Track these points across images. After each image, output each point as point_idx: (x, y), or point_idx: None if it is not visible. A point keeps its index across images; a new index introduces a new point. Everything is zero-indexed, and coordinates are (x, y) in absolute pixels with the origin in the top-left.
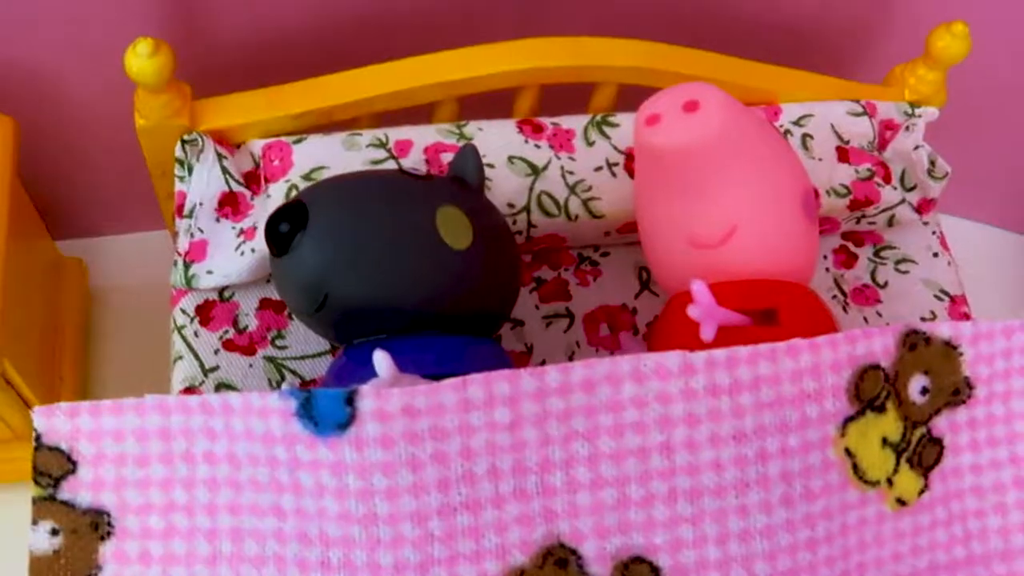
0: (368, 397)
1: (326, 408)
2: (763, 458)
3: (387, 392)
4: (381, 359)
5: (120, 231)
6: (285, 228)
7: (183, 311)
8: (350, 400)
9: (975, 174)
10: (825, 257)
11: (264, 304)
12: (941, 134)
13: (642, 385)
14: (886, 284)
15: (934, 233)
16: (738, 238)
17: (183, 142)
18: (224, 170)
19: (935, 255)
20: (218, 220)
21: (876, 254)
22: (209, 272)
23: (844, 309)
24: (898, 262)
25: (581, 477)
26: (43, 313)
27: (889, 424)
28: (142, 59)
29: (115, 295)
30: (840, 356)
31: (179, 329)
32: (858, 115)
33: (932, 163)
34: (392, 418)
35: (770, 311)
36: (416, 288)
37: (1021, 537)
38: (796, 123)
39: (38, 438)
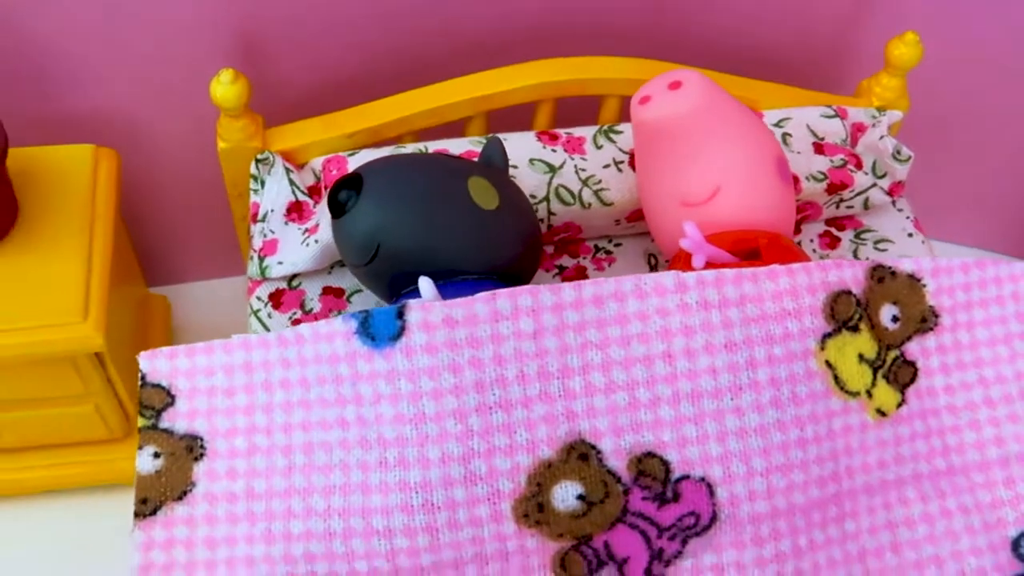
0: (415, 310)
1: (381, 323)
2: (752, 365)
3: (430, 305)
4: (425, 282)
5: (199, 278)
6: (344, 195)
7: (258, 298)
8: (400, 314)
9: (959, 199)
10: (811, 241)
11: (326, 291)
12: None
13: (643, 301)
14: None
15: (908, 217)
16: (722, 196)
17: (257, 161)
18: (291, 182)
19: (910, 235)
20: (286, 223)
21: (857, 236)
22: (280, 263)
23: None
24: (877, 242)
25: (596, 382)
26: (134, 339)
27: (864, 343)
28: (224, 86)
29: (191, 331)
30: (814, 281)
31: (255, 313)
32: (831, 117)
33: (897, 150)
34: (435, 328)
35: (753, 251)
36: (452, 240)
37: (995, 450)
38: (776, 125)
39: (143, 377)
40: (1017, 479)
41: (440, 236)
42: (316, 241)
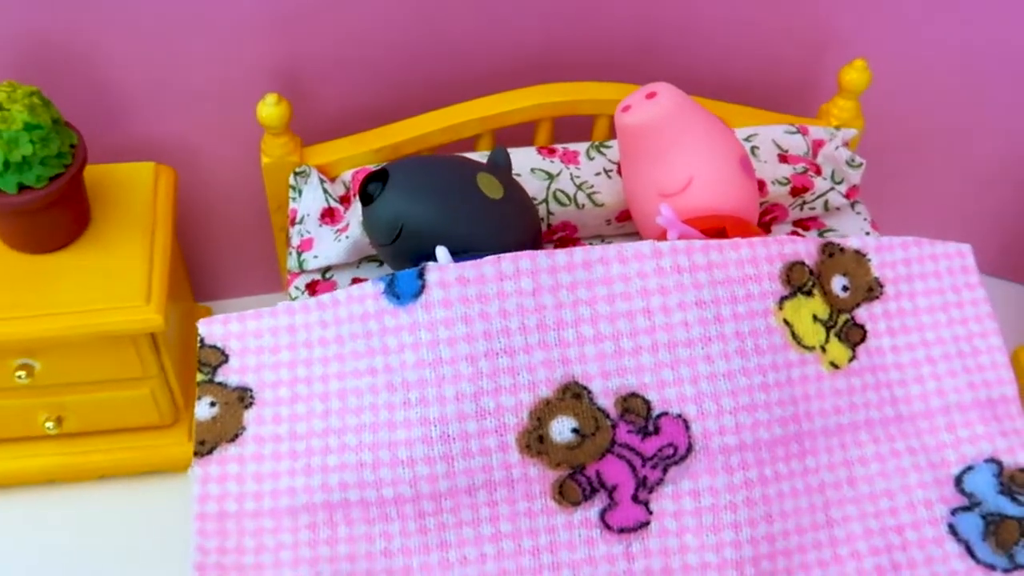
0: (433, 270)
1: (404, 283)
2: (720, 320)
3: (446, 266)
4: (441, 250)
5: (238, 294)
6: (373, 187)
7: (296, 288)
8: (421, 274)
9: (919, 209)
10: None
11: (355, 281)
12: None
13: (625, 265)
14: None
15: (865, 219)
16: (694, 186)
17: (295, 173)
18: (325, 191)
19: (867, 234)
20: (320, 226)
21: (820, 235)
22: (315, 257)
23: None
24: None
25: (586, 333)
26: (181, 338)
27: (817, 305)
28: (269, 107)
29: None
30: (772, 252)
31: (292, 300)
32: (793, 134)
33: (851, 159)
34: (450, 285)
35: (720, 232)
36: (463, 223)
37: (937, 400)
38: (746, 139)
39: (201, 340)
40: (957, 425)
41: (453, 219)
42: (347, 237)
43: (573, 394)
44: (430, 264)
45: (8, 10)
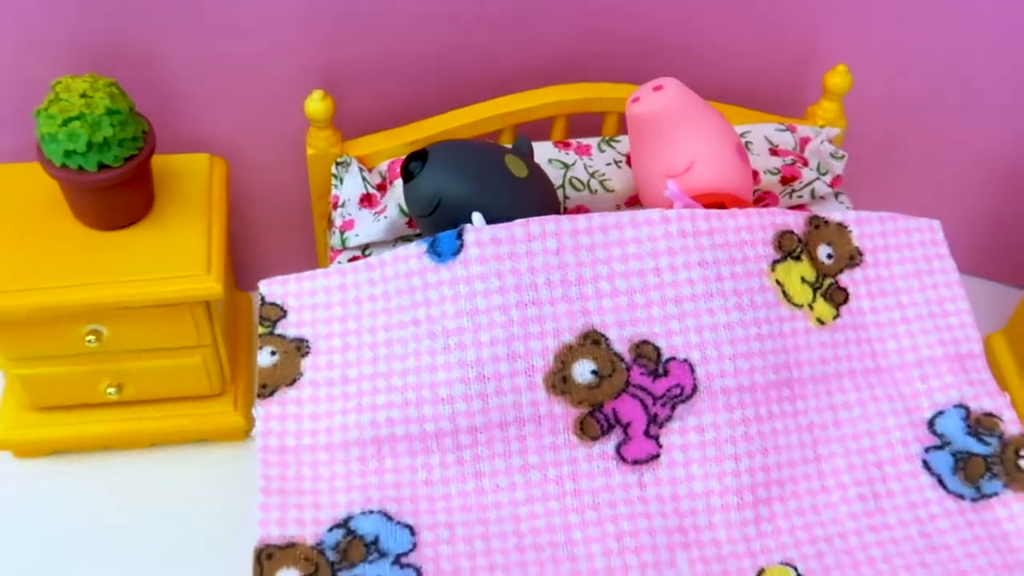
0: (470, 231)
1: (445, 243)
2: (720, 279)
3: (481, 228)
4: (476, 215)
5: None
6: (414, 165)
7: (338, 263)
8: (459, 235)
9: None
10: None
11: None
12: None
13: (637, 229)
14: None
15: (848, 207)
16: (696, 168)
17: (337, 163)
18: (364, 179)
19: None
20: (360, 209)
21: None
22: (356, 235)
23: None
24: None
25: (604, 288)
26: (227, 317)
27: (805, 269)
28: (316, 102)
29: None
30: (765, 222)
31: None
32: (783, 131)
33: (834, 152)
34: (485, 244)
35: (719, 204)
36: (493, 196)
37: (912, 355)
38: (740, 135)
39: (263, 298)
40: (929, 376)
41: (485, 193)
42: (385, 218)
43: (593, 340)
44: (467, 226)
45: (88, 13)
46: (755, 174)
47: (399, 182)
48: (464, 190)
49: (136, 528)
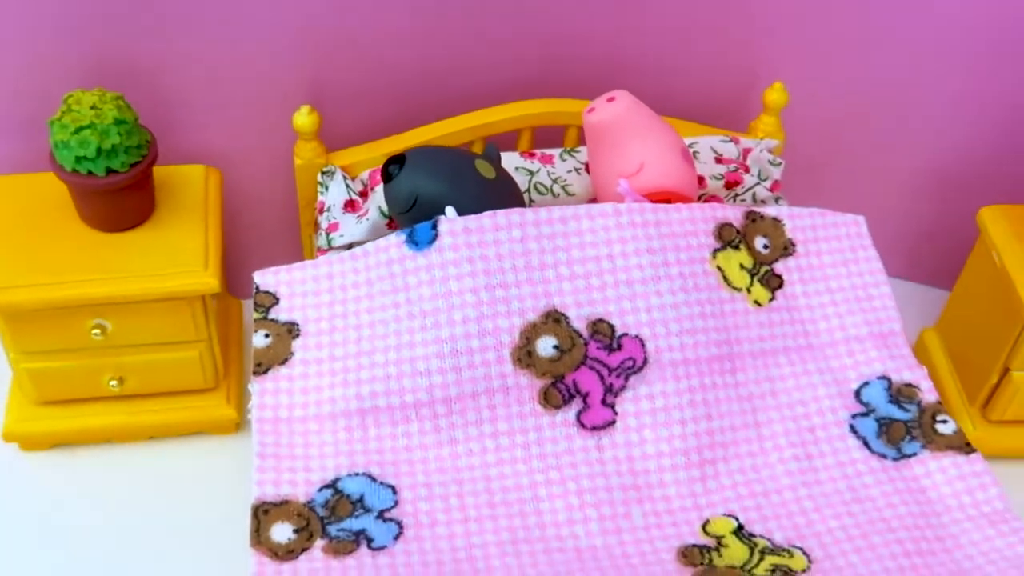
0: (444, 222)
1: (422, 233)
2: (666, 264)
3: (454, 219)
4: (450, 208)
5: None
6: (393, 168)
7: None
8: (434, 226)
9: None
10: None
11: None
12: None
13: (592, 221)
14: None
15: None
16: (645, 169)
17: (323, 172)
18: (347, 187)
19: None
20: (344, 213)
21: None
22: (341, 236)
23: None
24: None
25: (564, 273)
26: (219, 319)
27: (743, 257)
28: (303, 117)
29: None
30: (706, 215)
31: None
32: (727, 142)
33: (771, 159)
34: (457, 234)
35: (667, 201)
36: (464, 196)
37: (840, 333)
38: (688, 146)
39: (257, 287)
40: (856, 351)
41: (456, 192)
42: (367, 219)
43: (554, 319)
44: (442, 217)
45: (94, 38)
46: (701, 179)
47: (379, 188)
48: (438, 189)
49: (136, 517)
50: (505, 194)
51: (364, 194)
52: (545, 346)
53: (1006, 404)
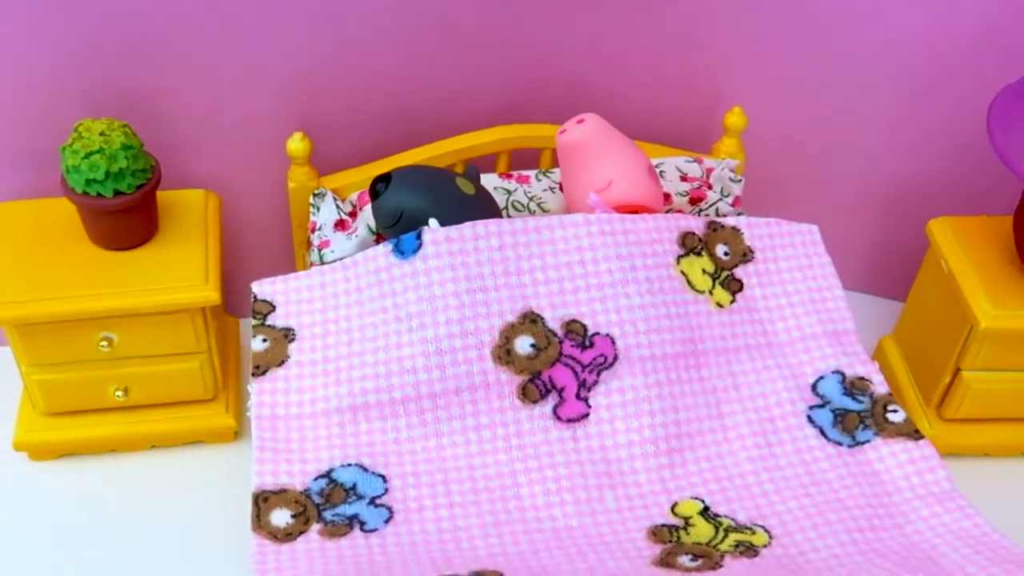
0: (428, 232)
1: (407, 243)
2: (634, 268)
3: (437, 229)
4: (433, 220)
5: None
6: (380, 186)
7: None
8: (419, 236)
9: None
10: None
11: None
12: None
13: (565, 230)
14: None
15: None
16: (614, 185)
17: (315, 194)
18: (337, 207)
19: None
20: (335, 232)
21: None
22: (332, 251)
23: None
24: None
25: (539, 278)
26: (218, 333)
27: (705, 263)
28: (296, 143)
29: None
30: (670, 224)
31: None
32: (691, 162)
33: (732, 177)
34: (440, 243)
35: (635, 213)
36: (446, 211)
37: (797, 333)
38: (655, 166)
39: (254, 296)
40: (812, 349)
41: (439, 206)
42: (356, 236)
43: (531, 320)
44: (426, 228)
45: (101, 73)
46: (668, 196)
47: (368, 207)
48: (422, 204)
49: (140, 523)
50: (484, 208)
51: (353, 214)
52: (523, 345)
53: (959, 403)
